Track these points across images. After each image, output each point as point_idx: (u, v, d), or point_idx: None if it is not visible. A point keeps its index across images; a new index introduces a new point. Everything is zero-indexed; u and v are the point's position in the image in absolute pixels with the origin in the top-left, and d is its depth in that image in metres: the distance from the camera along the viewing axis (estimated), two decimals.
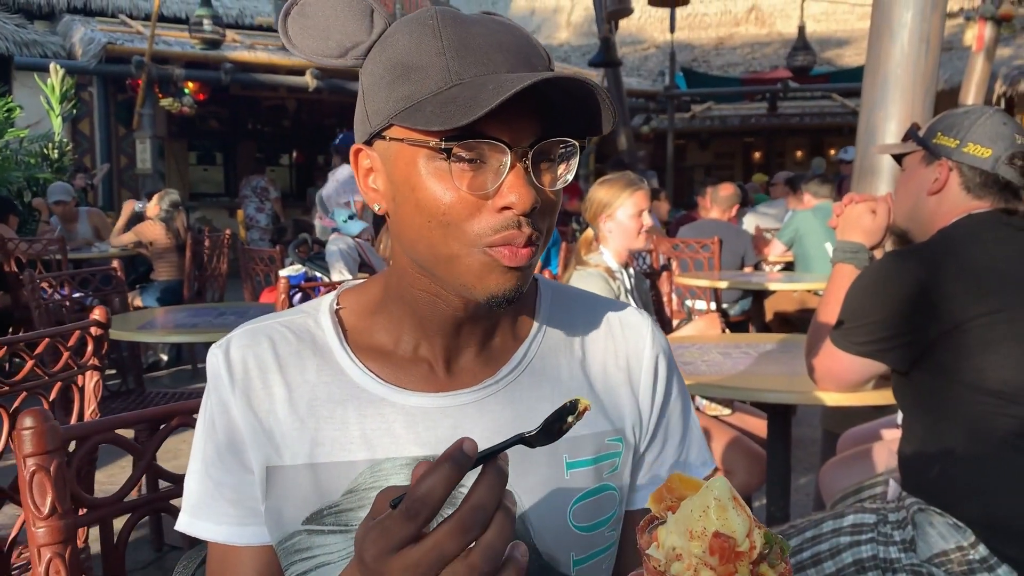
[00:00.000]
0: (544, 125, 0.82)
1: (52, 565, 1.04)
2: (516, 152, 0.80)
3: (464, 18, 0.84)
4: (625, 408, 0.99)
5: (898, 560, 1.70)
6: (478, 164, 0.80)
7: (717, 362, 2.56)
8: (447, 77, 0.80)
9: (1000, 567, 1.61)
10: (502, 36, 0.83)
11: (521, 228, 0.81)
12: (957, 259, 1.74)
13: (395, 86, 0.82)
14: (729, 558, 0.60)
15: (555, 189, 0.84)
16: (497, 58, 0.81)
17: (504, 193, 0.80)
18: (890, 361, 1.81)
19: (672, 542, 0.61)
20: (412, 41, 0.82)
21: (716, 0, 18.36)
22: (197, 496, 0.91)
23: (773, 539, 0.62)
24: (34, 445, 1.04)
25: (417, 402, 0.90)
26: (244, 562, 0.91)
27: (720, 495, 0.61)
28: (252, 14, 13.60)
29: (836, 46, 16.65)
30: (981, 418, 1.67)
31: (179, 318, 3.81)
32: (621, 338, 1.01)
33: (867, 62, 3.70)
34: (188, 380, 6.18)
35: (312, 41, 0.87)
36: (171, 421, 1.20)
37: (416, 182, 0.82)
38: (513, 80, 0.75)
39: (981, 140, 1.82)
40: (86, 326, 2.14)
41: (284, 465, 0.88)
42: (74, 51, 10.94)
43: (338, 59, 0.88)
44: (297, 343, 0.93)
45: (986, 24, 7.66)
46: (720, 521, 0.60)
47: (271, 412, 0.89)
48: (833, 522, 1.83)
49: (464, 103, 0.76)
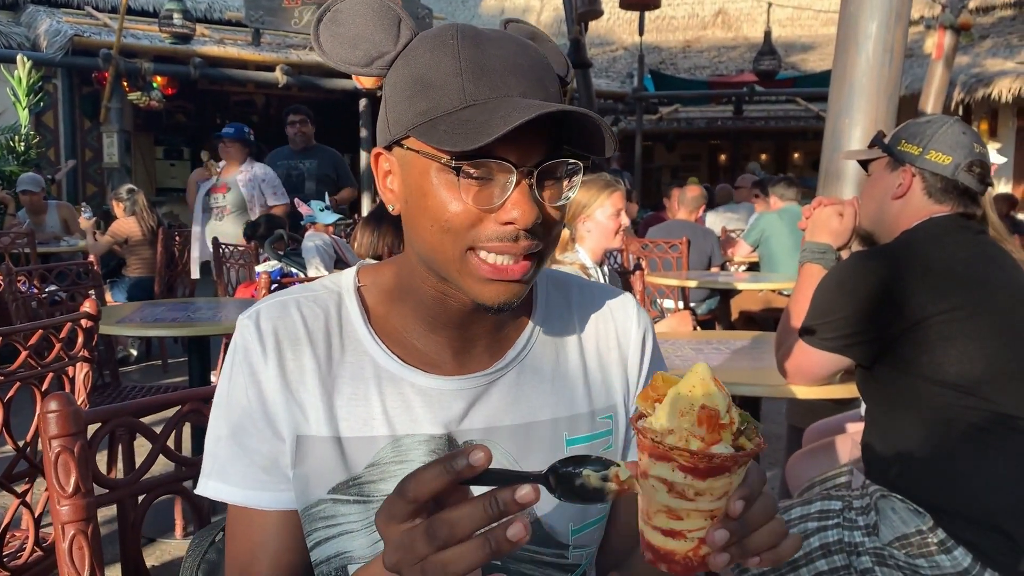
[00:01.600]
0: (551, 144, 0.88)
1: (75, 541, 1.10)
2: (522, 171, 0.85)
3: (483, 38, 0.88)
4: (617, 384, 1.07)
5: (862, 544, 1.80)
6: (485, 180, 0.86)
7: (690, 357, 2.65)
8: (462, 97, 0.85)
9: (956, 549, 1.70)
10: (519, 58, 0.88)
11: (518, 241, 0.87)
12: (919, 260, 1.84)
13: (414, 100, 0.87)
14: (714, 428, 0.68)
15: (558, 205, 0.90)
16: (511, 81, 0.86)
17: (508, 208, 0.86)
18: (855, 356, 1.91)
19: (664, 423, 0.69)
20: (433, 58, 0.87)
21: (684, 4, 18.54)
22: (225, 461, 0.95)
23: (747, 418, 0.71)
24: (59, 427, 1.09)
25: (433, 384, 0.97)
26: (270, 525, 0.95)
27: (704, 375, 0.70)
28: (222, 9, 13.48)
29: (801, 51, 16.91)
30: (939, 409, 1.77)
31: (156, 312, 3.82)
32: (611, 318, 1.09)
33: (834, 71, 3.83)
34: (159, 375, 6.16)
35: (342, 49, 0.92)
36: (184, 407, 1.26)
37: (427, 189, 0.88)
38: (522, 108, 0.81)
39: (942, 148, 1.93)
40: (77, 318, 2.18)
41: (312, 435, 0.94)
42: (39, 43, 10.77)
43: (364, 68, 0.93)
44: (325, 318, 0.98)
45: (945, 33, 7.84)
46: (705, 397, 0.69)
47: (301, 382, 0.94)
48: (801, 509, 1.93)
49: (475, 127, 0.81)
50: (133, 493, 1.20)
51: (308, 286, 1.02)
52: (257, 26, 11.39)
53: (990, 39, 12.36)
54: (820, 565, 1.82)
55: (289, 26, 11.39)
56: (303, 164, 6.84)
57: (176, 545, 3.27)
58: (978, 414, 1.74)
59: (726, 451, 0.67)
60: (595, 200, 2.95)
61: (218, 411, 0.97)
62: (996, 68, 11.59)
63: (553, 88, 0.90)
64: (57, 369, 2.13)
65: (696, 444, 0.68)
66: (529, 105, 0.82)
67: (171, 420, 1.24)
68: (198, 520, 1.26)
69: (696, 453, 0.67)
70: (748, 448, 0.69)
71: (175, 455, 1.27)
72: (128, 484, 1.19)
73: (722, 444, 0.68)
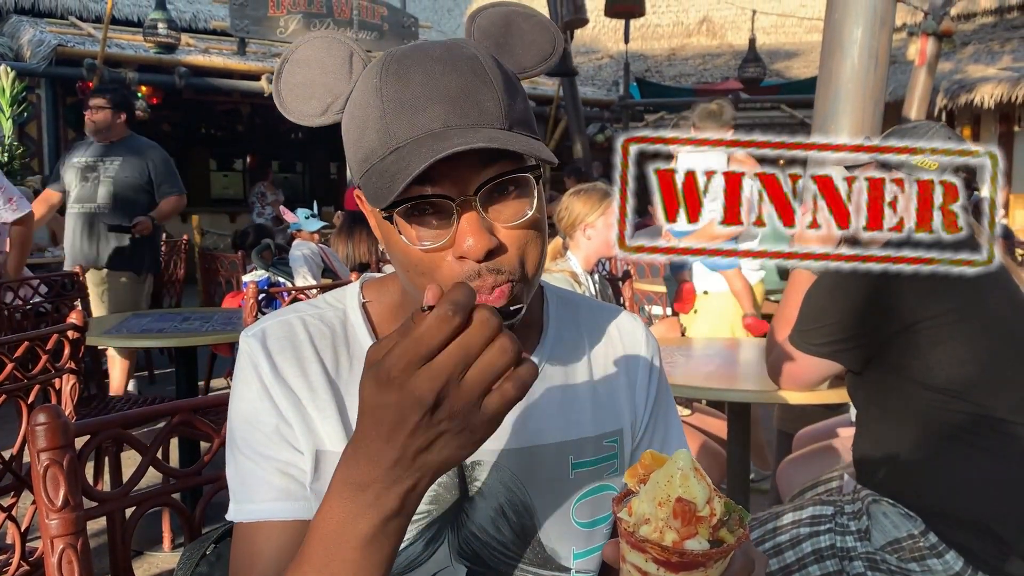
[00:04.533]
0: (491, 160, 0.82)
1: (65, 556, 1.08)
2: (460, 202, 0.81)
3: (408, 65, 0.84)
4: (624, 408, 1.06)
5: (854, 548, 1.80)
6: (428, 220, 0.83)
7: (680, 363, 2.65)
8: (387, 141, 0.82)
9: (948, 553, 1.71)
10: (444, 79, 0.82)
11: (482, 276, 0.83)
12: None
13: (356, 148, 0.86)
14: (690, 521, 0.67)
15: (517, 223, 0.85)
16: (434, 111, 0.81)
17: (458, 243, 0.82)
18: (845, 361, 1.91)
19: (643, 510, 0.69)
20: (363, 100, 0.85)
21: (668, 11, 18.62)
22: (240, 480, 0.92)
23: (732, 507, 0.70)
24: (47, 440, 1.08)
25: None
26: (287, 538, 0.88)
27: (683, 465, 0.69)
28: (207, 18, 13.45)
29: (785, 58, 17.01)
30: (930, 413, 1.78)
31: (144, 323, 3.80)
32: (620, 342, 1.08)
33: (819, 77, 3.85)
34: (145, 386, 6.11)
35: (298, 103, 0.91)
36: (173, 418, 1.24)
37: (388, 239, 0.88)
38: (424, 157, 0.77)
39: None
40: (63, 330, 2.16)
41: (329, 451, 0.91)
42: (22, 53, 10.72)
43: (320, 117, 0.91)
44: (332, 336, 0.96)
45: (928, 39, 7.90)
46: (683, 488, 0.68)
47: (313, 400, 0.92)
48: (793, 514, 1.93)
49: (389, 178, 0.79)
50: (123, 506, 1.19)
51: (312, 303, 1.00)
52: (242, 35, 11.38)
53: (972, 45, 12.48)
54: (813, 571, 1.82)
55: (275, 35, 11.38)
56: (103, 164, 5.03)
57: (164, 558, 3.24)
58: (968, 417, 1.75)
59: (700, 547, 0.66)
60: (595, 210, 2.98)
61: (233, 434, 0.94)
62: (978, 74, 11.69)
63: (491, 102, 0.83)
64: (43, 381, 2.11)
65: (671, 536, 0.67)
66: (437, 148, 0.78)
67: (161, 432, 1.23)
68: (188, 532, 1.24)
69: (667, 548, 0.66)
70: (728, 542, 0.68)
71: (165, 467, 1.26)
72: (119, 497, 1.18)
73: (697, 539, 0.67)
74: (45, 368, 2.10)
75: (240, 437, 0.93)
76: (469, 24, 0.95)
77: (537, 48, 0.95)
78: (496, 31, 0.94)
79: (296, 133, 13.82)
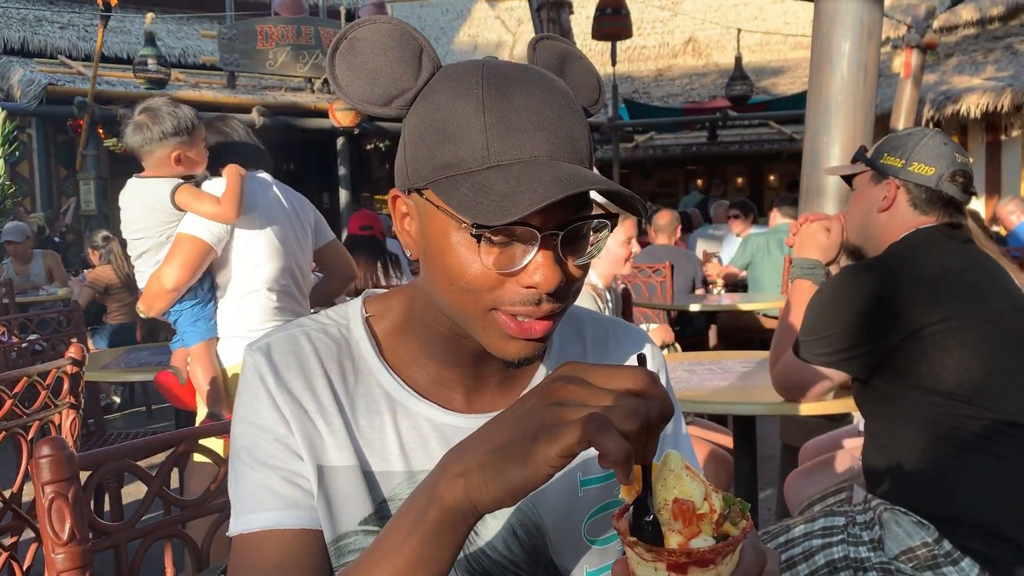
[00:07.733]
0: (577, 201, 0.83)
1: None
2: (545, 236, 0.81)
3: (510, 83, 0.83)
4: None
5: (868, 559, 1.78)
6: (507, 244, 0.82)
7: (684, 379, 2.64)
8: (485, 156, 0.80)
9: (963, 560, 1.69)
10: (546, 109, 0.82)
11: (540, 305, 0.83)
12: (909, 272, 1.84)
13: (435, 151, 0.83)
14: (691, 520, 0.66)
15: (580, 263, 0.86)
16: (538, 139, 0.81)
17: (530, 272, 0.82)
18: (851, 370, 1.91)
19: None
20: (455, 106, 0.82)
21: (654, 33, 18.80)
22: (244, 492, 0.90)
23: (731, 500, 0.69)
24: (52, 472, 1.06)
25: (449, 420, 0.94)
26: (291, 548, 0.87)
27: (674, 467, 0.69)
28: (196, 53, 13.54)
29: (772, 75, 17.15)
30: (938, 420, 1.77)
31: (141, 357, 3.78)
32: (625, 357, 1.07)
33: (809, 90, 3.88)
34: (143, 422, 6.07)
35: (359, 84, 0.87)
36: (179, 447, 1.23)
37: (445, 247, 0.84)
38: (548, 183, 0.77)
39: (924, 159, 1.94)
40: (63, 364, 2.14)
41: (335, 465, 0.90)
42: (12, 92, 10.76)
43: (382, 107, 0.87)
44: (337, 350, 0.95)
45: (913, 52, 7.97)
46: (677, 489, 0.67)
47: (319, 413, 0.91)
48: (805, 526, 1.91)
49: (498, 199, 0.77)
50: (130, 537, 1.17)
51: (315, 318, 0.98)
52: (232, 69, 11.43)
53: (955, 57, 12.57)
54: None
55: (264, 68, 11.44)
56: None
57: None
58: (978, 422, 1.73)
59: (706, 543, 0.66)
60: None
61: (237, 449, 0.92)
62: (963, 85, 11.78)
63: (582, 140, 0.85)
64: (43, 417, 2.08)
65: (676, 539, 0.66)
66: (556, 177, 0.77)
67: (167, 461, 1.21)
68: (196, 564, 1.22)
69: (674, 551, 0.65)
70: (733, 535, 0.67)
71: (172, 497, 1.24)
72: (126, 528, 1.16)
73: (702, 536, 0.66)
74: (45, 404, 2.08)
75: (244, 448, 0.91)
76: (531, 53, 0.95)
77: (585, 91, 0.94)
78: (555, 66, 0.94)
79: (288, 164, 13.84)
